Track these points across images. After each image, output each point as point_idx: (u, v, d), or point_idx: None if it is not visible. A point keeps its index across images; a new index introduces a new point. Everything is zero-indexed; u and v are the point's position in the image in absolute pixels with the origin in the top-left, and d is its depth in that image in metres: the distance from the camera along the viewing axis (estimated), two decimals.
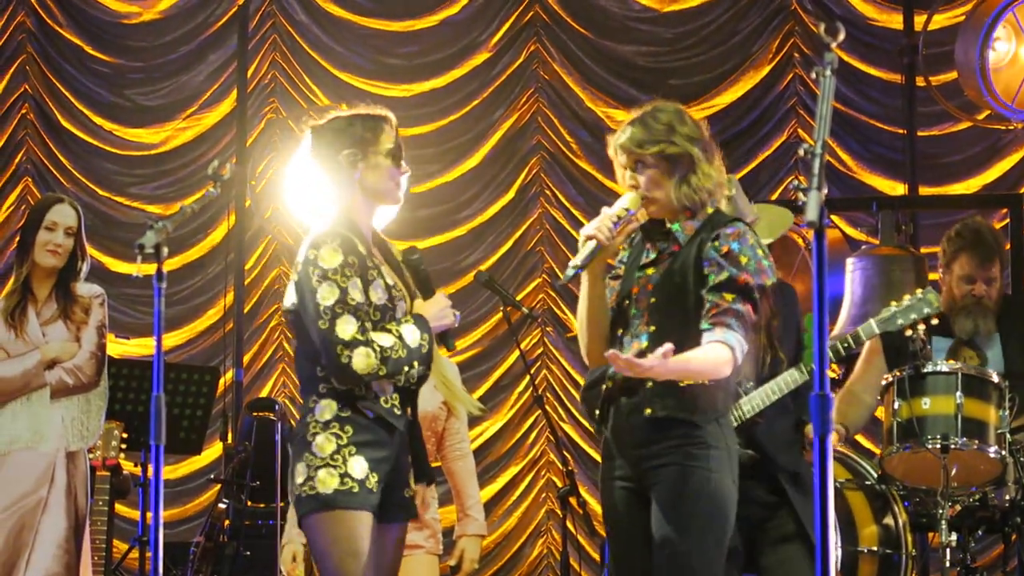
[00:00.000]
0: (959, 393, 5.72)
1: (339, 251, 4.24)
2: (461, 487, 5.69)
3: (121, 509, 8.84)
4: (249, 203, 10.06)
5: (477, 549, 5.65)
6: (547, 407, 7.39)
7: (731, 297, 4.17)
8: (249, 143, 10.19)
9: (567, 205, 10.19)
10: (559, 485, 9.57)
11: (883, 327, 5.27)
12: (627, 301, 4.35)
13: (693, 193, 4.28)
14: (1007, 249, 7.79)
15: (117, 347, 9.00)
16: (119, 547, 8.54)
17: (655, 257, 4.35)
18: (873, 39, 9.85)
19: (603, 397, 4.37)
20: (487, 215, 10.30)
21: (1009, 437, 5.77)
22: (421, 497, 5.07)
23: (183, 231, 9.90)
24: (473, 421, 7.89)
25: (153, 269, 3.69)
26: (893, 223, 8.21)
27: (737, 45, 10.13)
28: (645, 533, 4.25)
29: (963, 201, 9.42)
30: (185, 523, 9.91)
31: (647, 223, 4.36)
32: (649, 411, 4.22)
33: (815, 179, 2.97)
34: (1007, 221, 8.49)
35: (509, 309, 6.28)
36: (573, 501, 6.27)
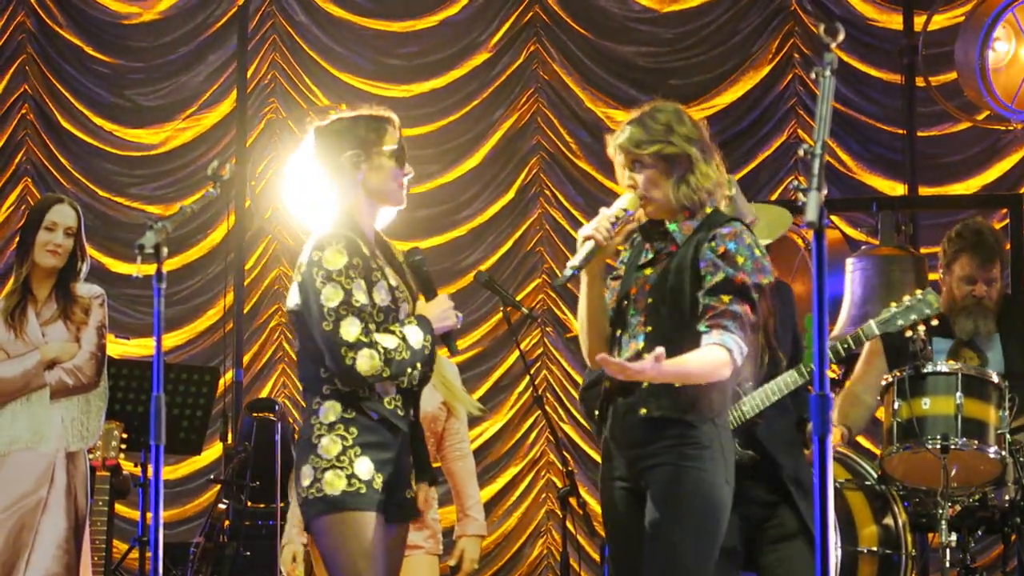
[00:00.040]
0: (959, 393, 5.72)
1: (344, 252, 4.22)
2: (461, 487, 5.68)
3: (121, 509, 8.83)
4: (249, 203, 10.06)
5: (477, 549, 5.65)
6: (547, 407, 7.39)
7: (728, 299, 4.16)
8: (249, 143, 10.18)
9: (567, 205, 10.18)
10: (559, 485, 9.56)
11: (883, 328, 5.26)
12: (625, 302, 4.34)
13: (692, 193, 4.27)
14: (1007, 249, 7.79)
15: (117, 347, 8.99)
16: (119, 547, 8.54)
17: (653, 257, 4.34)
18: (873, 39, 9.85)
19: (602, 397, 4.37)
20: (487, 215, 10.29)
21: (1009, 437, 5.77)
22: (423, 497, 5.07)
23: (183, 231, 9.89)
24: (473, 421, 7.87)
25: (153, 269, 3.68)
26: (893, 223, 8.21)
27: (737, 45, 10.13)
28: (644, 533, 4.26)
29: (963, 201, 9.42)
30: (185, 523, 9.90)
31: (646, 223, 4.35)
32: (644, 411, 4.22)
33: (815, 179, 2.97)
34: (1007, 221, 8.49)
35: (509, 309, 6.27)
36: (573, 501, 6.27)
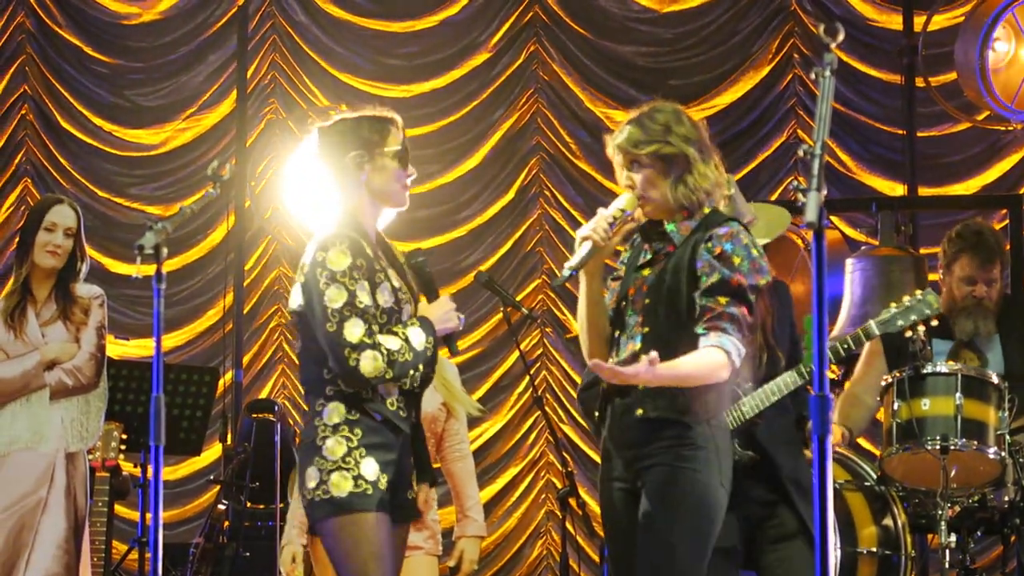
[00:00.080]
0: (959, 394, 5.71)
1: (347, 253, 4.21)
2: (460, 488, 5.68)
3: (121, 510, 8.84)
4: (249, 204, 10.06)
5: (476, 550, 5.65)
6: (547, 408, 7.39)
7: (725, 300, 4.15)
8: (249, 144, 10.18)
9: (566, 206, 10.18)
10: (558, 486, 9.56)
11: (883, 328, 5.25)
12: (624, 302, 4.34)
13: (689, 193, 4.26)
14: (1007, 250, 7.78)
15: (117, 348, 8.99)
16: (119, 548, 8.54)
17: (651, 258, 4.33)
18: (873, 40, 9.84)
19: (600, 398, 4.36)
20: (487, 216, 10.29)
21: (1008, 438, 5.77)
22: (423, 498, 5.07)
23: (183, 232, 9.89)
24: (473, 422, 7.87)
25: (152, 270, 3.68)
26: (892, 224, 8.20)
27: (737, 45, 10.12)
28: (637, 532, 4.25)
29: (963, 202, 9.42)
30: (184, 524, 9.90)
31: (646, 224, 4.34)
32: (641, 412, 4.21)
33: (814, 180, 2.96)
34: (1007, 222, 8.48)
35: (509, 310, 6.27)
36: (572, 502, 6.27)
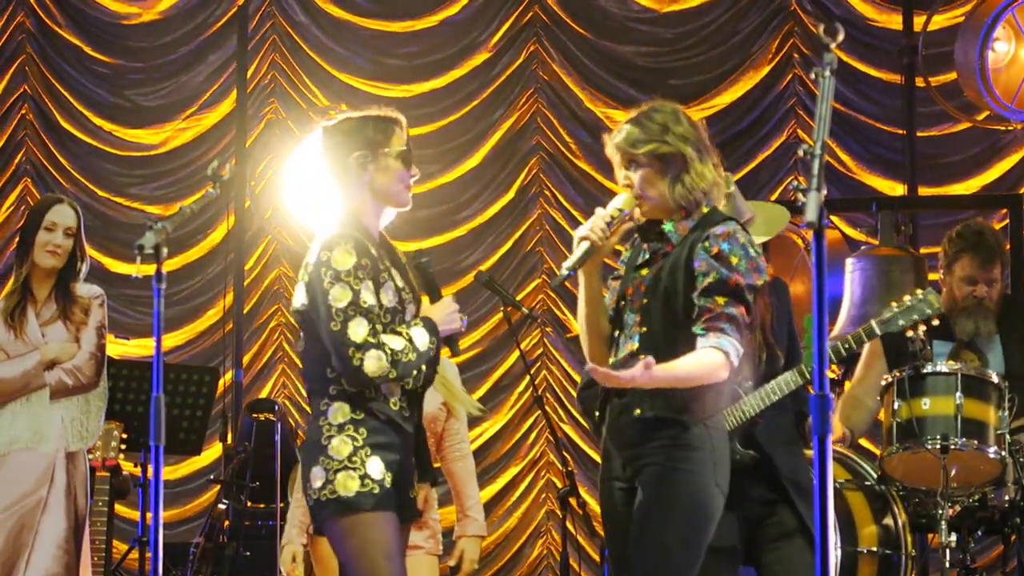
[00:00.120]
0: (959, 394, 5.71)
1: (352, 253, 4.21)
2: (461, 488, 5.68)
3: (121, 510, 8.83)
4: (249, 204, 10.06)
5: (477, 550, 5.65)
6: (547, 408, 7.38)
7: (723, 301, 4.14)
8: (249, 144, 10.18)
9: (566, 205, 10.18)
10: (559, 486, 9.56)
11: (884, 328, 5.23)
12: (623, 302, 4.34)
13: (687, 193, 4.25)
14: (1007, 250, 7.78)
15: (117, 348, 8.99)
16: (119, 547, 8.54)
17: (649, 257, 4.33)
18: (873, 39, 9.84)
19: (600, 397, 4.36)
20: (487, 215, 10.29)
21: (1009, 438, 5.76)
22: (423, 497, 5.07)
23: (183, 232, 9.89)
24: (473, 422, 7.87)
25: (152, 270, 3.67)
26: (892, 223, 8.20)
27: (737, 45, 10.12)
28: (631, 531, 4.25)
29: (963, 201, 9.42)
30: (185, 524, 9.90)
31: (644, 223, 4.34)
32: (638, 412, 4.21)
33: (814, 180, 2.96)
34: (1007, 222, 8.49)
35: (509, 309, 6.27)
36: (573, 501, 6.27)
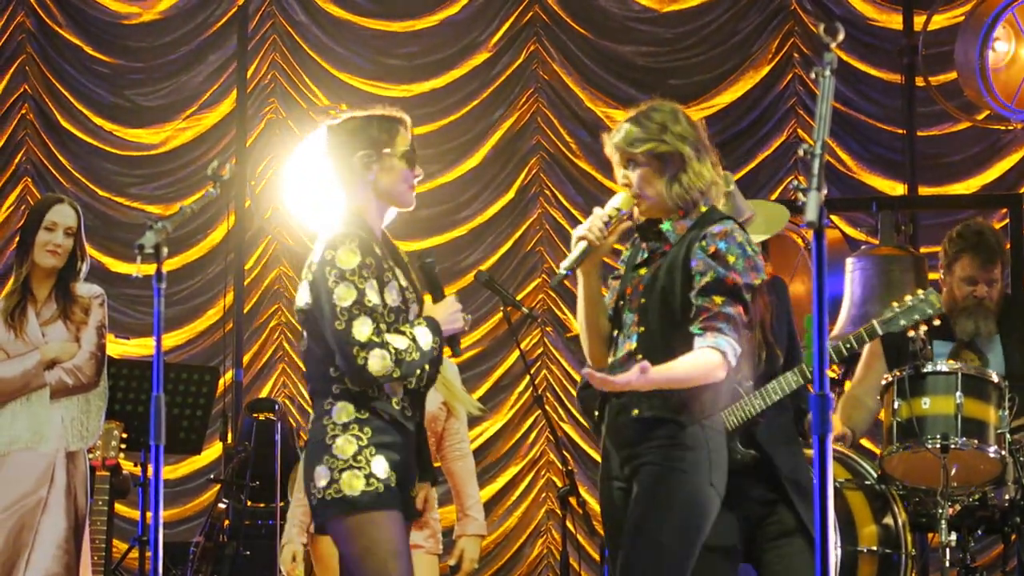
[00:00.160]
0: (959, 393, 5.71)
1: (357, 252, 4.20)
2: (461, 487, 5.69)
3: (121, 509, 8.84)
4: (249, 203, 10.07)
5: (477, 549, 5.65)
6: (547, 407, 7.39)
7: (721, 300, 4.14)
8: (249, 143, 10.19)
9: (567, 205, 10.18)
10: (559, 485, 9.56)
11: (886, 328, 5.21)
12: (621, 302, 4.34)
13: (684, 192, 4.25)
14: (1007, 249, 7.78)
15: (117, 347, 9.00)
16: (119, 547, 8.54)
17: (647, 257, 4.33)
18: (873, 39, 9.84)
19: (599, 397, 4.36)
20: (487, 215, 10.29)
21: (1009, 437, 5.76)
22: (423, 497, 5.07)
23: (183, 231, 9.89)
24: (473, 421, 7.88)
25: (153, 269, 3.67)
26: (893, 223, 8.20)
27: (737, 45, 10.12)
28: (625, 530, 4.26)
29: (963, 201, 9.42)
30: (185, 523, 9.91)
31: (643, 223, 4.34)
32: (636, 412, 4.21)
33: (815, 179, 2.96)
34: (1007, 221, 8.48)
35: (509, 309, 6.27)
36: (573, 501, 6.27)
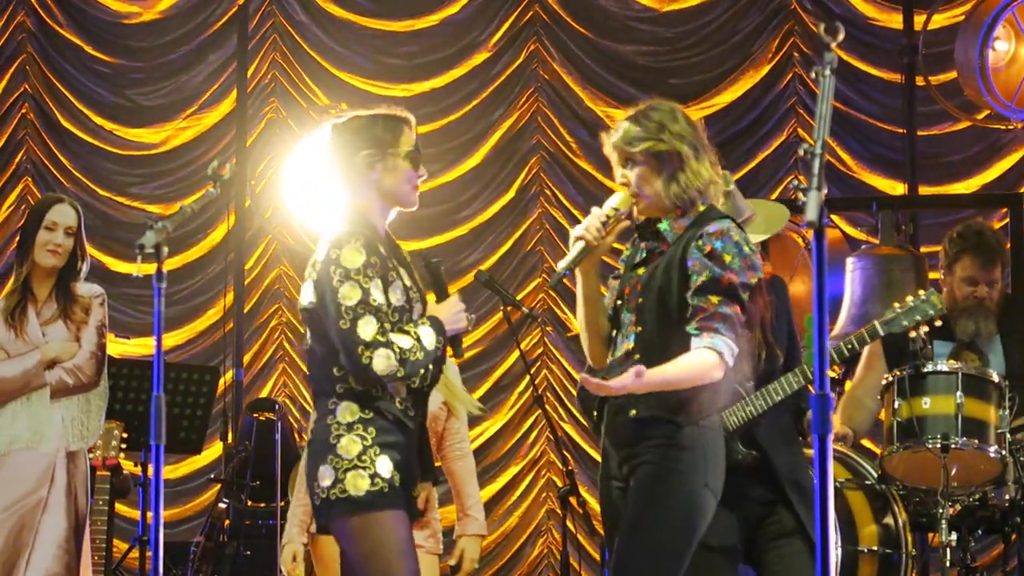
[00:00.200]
0: (959, 393, 5.71)
1: (362, 251, 4.19)
2: (461, 487, 5.69)
3: (121, 509, 8.84)
4: (249, 203, 10.07)
5: (477, 549, 5.65)
6: (547, 407, 7.39)
7: (717, 300, 4.13)
8: (249, 143, 10.19)
9: (567, 205, 10.18)
10: (559, 485, 9.56)
11: (887, 329, 5.20)
12: (620, 301, 4.34)
13: (682, 192, 4.24)
14: (1007, 249, 7.78)
15: (117, 347, 9.00)
16: (119, 547, 8.54)
17: (646, 256, 4.33)
18: (873, 39, 9.84)
19: (599, 397, 4.36)
20: (487, 215, 10.29)
21: (1009, 437, 5.76)
22: (424, 496, 5.07)
23: (183, 231, 9.89)
24: (473, 421, 7.88)
25: (153, 269, 3.67)
26: (893, 223, 8.19)
27: (737, 45, 10.13)
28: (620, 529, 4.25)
29: (963, 201, 9.42)
30: (185, 523, 9.91)
31: (642, 222, 4.34)
32: (634, 412, 4.21)
33: (815, 179, 2.96)
34: (1007, 221, 8.48)
35: (509, 309, 6.27)
36: (573, 501, 6.27)
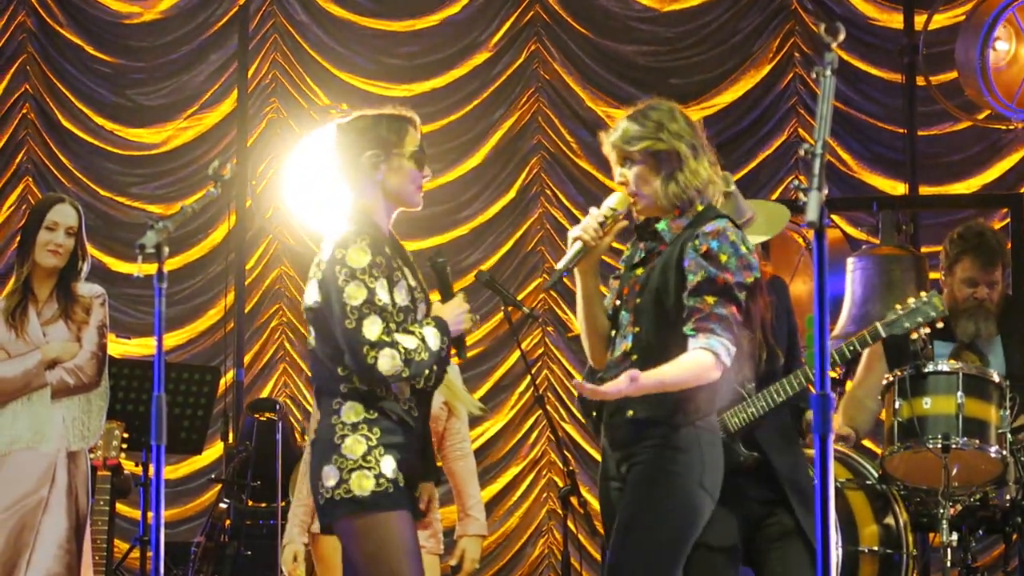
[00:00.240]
0: (960, 393, 5.71)
1: (367, 251, 4.18)
2: (462, 487, 5.69)
3: (122, 509, 8.84)
4: (250, 203, 10.07)
5: (478, 549, 5.65)
6: (548, 407, 7.39)
7: (713, 300, 4.13)
8: (250, 143, 10.19)
9: (567, 205, 10.18)
10: (560, 485, 9.56)
11: (889, 330, 5.19)
12: (619, 301, 4.34)
13: (680, 191, 4.24)
14: (1008, 250, 7.78)
15: (118, 347, 9.00)
16: (120, 547, 8.54)
17: (644, 256, 4.33)
18: (873, 39, 9.84)
19: None
20: (488, 215, 10.29)
21: (1010, 437, 5.77)
22: (426, 496, 5.07)
23: (184, 231, 9.89)
24: (474, 421, 7.88)
25: (154, 269, 3.67)
26: (893, 223, 8.19)
27: (737, 45, 10.12)
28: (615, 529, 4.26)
29: (963, 201, 9.42)
30: (186, 523, 9.91)
31: (641, 222, 4.34)
32: (631, 413, 4.21)
33: (815, 179, 2.96)
34: (1007, 221, 8.48)
35: (510, 309, 6.27)
36: (574, 501, 6.27)
